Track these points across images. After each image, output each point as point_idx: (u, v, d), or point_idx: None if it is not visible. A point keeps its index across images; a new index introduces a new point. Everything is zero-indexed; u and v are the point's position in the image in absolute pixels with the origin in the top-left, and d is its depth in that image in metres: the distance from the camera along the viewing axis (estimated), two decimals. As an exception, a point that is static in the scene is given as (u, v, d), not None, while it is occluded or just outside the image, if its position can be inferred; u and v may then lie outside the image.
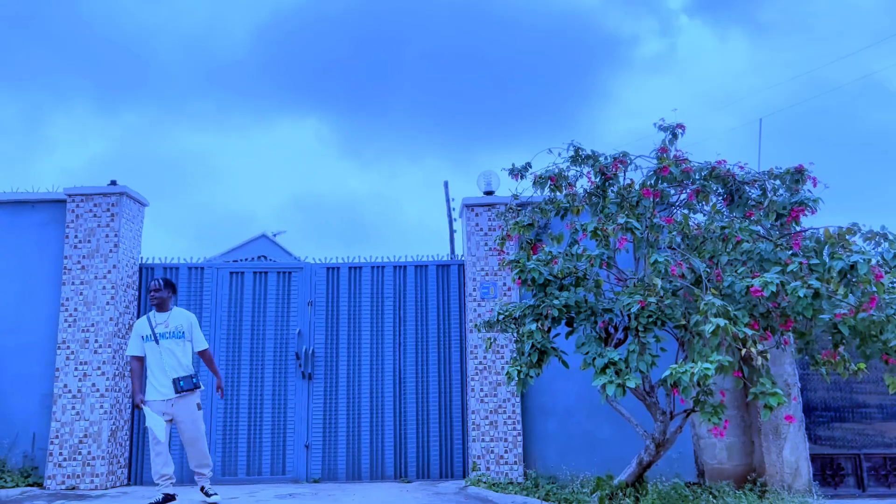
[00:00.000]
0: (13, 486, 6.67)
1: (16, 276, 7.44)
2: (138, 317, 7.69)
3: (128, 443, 7.41)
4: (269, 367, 7.73)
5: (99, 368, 7.11)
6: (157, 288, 5.97)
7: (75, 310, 7.24)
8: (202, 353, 6.06)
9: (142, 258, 7.89)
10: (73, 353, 7.15)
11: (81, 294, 7.27)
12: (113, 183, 7.55)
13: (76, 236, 7.41)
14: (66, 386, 7.08)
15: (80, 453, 6.95)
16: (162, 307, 5.99)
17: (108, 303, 7.25)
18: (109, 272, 7.31)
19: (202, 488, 6.03)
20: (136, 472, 7.42)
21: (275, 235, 20.76)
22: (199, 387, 5.95)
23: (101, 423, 7.01)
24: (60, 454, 6.96)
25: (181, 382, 5.82)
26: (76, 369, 7.12)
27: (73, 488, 6.87)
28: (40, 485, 6.93)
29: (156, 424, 5.70)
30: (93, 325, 7.21)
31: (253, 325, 7.83)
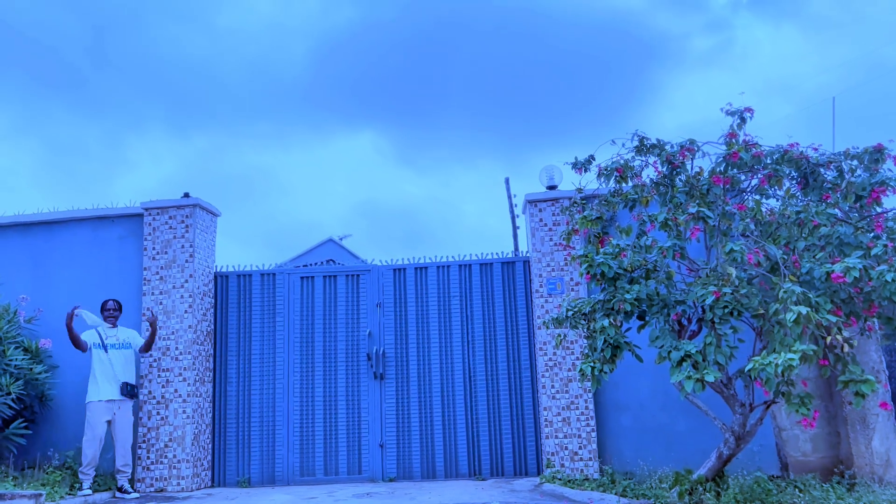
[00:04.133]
0: (106, 490, 6.97)
1: (99, 288, 7.77)
2: (216, 324, 7.95)
3: (210, 446, 7.66)
4: (342, 369, 7.88)
5: (180, 374, 7.37)
6: (115, 308, 7.24)
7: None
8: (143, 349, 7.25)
9: (216, 267, 8.14)
10: (155, 360, 7.44)
11: (161, 304, 7.56)
12: (186, 195, 7.82)
13: (154, 248, 7.70)
14: (150, 392, 7.37)
15: (165, 457, 7.23)
16: (114, 324, 7.19)
17: (186, 311, 7.51)
18: (186, 281, 7.57)
19: (121, 487, 6.90)
20: (219, 474, 7.66)
21: (341, 239, 21.08)
22: (138, 396, 7.19)
23: (185, 428, 7.26)
24: (148, 458, 7.25)
25: (128, 387, 6.97)
26: (159, 376, 7.40)
27: (161, 490, 7.14)
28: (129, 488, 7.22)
29: (97, 424, 6.82)
30: (173, 332, 7.48)
31: (325, 327, 7.99)
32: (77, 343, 6.97)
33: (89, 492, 6.71)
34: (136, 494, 6.96)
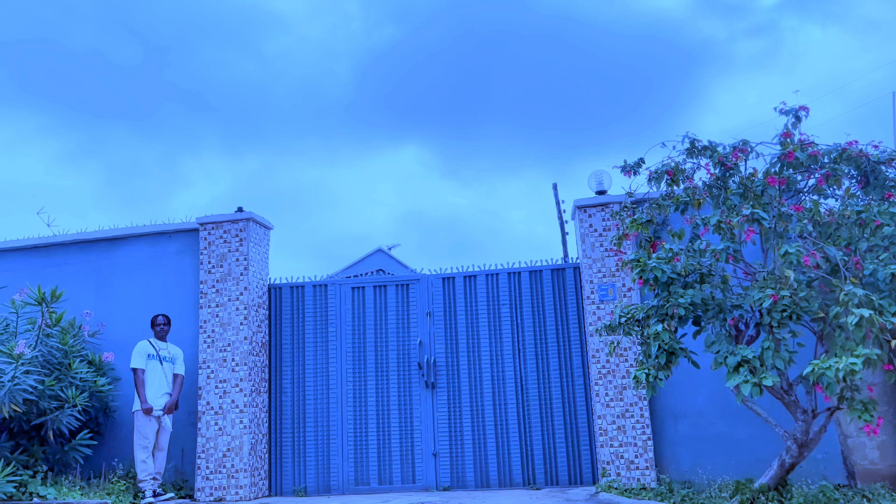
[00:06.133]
0: (168, 499, 7.14)
1: (158, 301, 8.00)
2: (270, 335, 8.10)
3: (266, 456, 7.79)
4: (394, 378, 7.92)
5: (237, 385, 7.52)
6: (165, 323, 7.50)
7: (213, 331, 7.70)
8: (178, 377, 7.43)
9: (270, 279, 8.30)
10: (212, 371, 7.61)
11: (217, 316, 7.73)
12: (240, 210, 7.99)
13: (209, 261, 7.89)
14: (208, 403, 7.54)
15: (224, 466, 7.37)
16: (164, 338, 7.47)
17: (241, 323, 7.66)
18: (241, 294, 7.73)
19: (154, 492, 7.04)
20: (276, 484, 7.78)
21: (390, 249, 21.26)
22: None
23: (242, 438, 7.40)
24: (207, 467, 7.40)
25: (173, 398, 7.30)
26: (216, 387, 7.56)
27: (221, 499, 7.29)
28: (191, 497, 7.41)
29: (148, 431, 7.05)
30: (229, 344, 7.64)
31: (376, 337, 8.06)
32: (143, 383, 7.18)
33: (152, 499, 6.89)
34: (171, 495, 7.20)
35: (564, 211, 14.15)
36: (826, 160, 5.60)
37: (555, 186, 14.53)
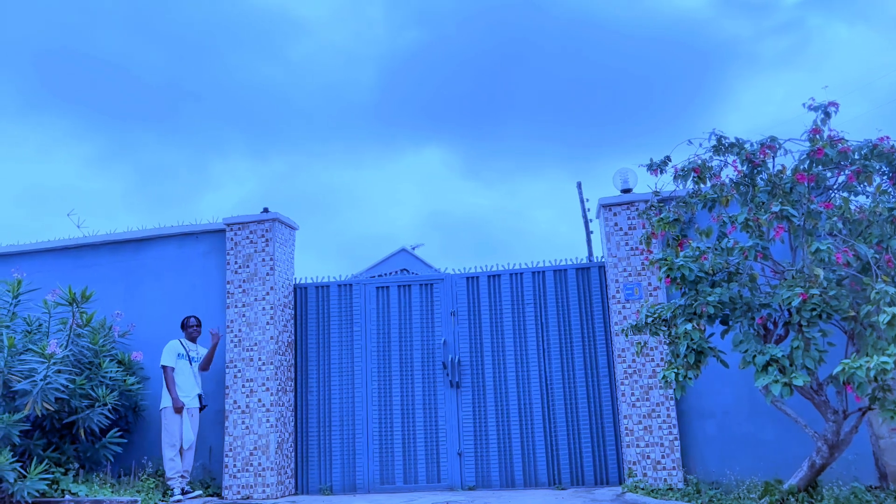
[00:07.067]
0: (196, 497, 7.23)
1: (185, 301, 8.10)
2: (296, 334, 8.15)
3: (293, 454, 7.84)
4: (419, 377, 7.94)
5: (263, 385, 7.59)
6: (196, 325, 7.67)
7: (239, 331, 7.77)
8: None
9: (295, 279, 8.36)
10: (239, 371, 7.68)
11: (244, 316, 7.80)
12: (265, 210, 8.06)
13: (236, 262, 7.97)
14: (235, 402, 7.61)
15: (251, 465, 7.44)
16: (195, 340, 7.64)
17: (268, 322, 7.73)
18: (268, 294, 7.80)
19: (182, 489, 7.11)
20: (302, 482, 7.83)
21: (413, 248, 21.33)
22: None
23: (269, 436, 7.46)
24: (234, 466, 7.48)
25: (201, 398, 7.47)
26: (243, 386, 7.63)
27: (248, 497, 7.35)
28: (219, 495, 7.48)
29: (177, 429, 7.18)
30: (255, 344, 7.71)
31: (400, 336, 8.08)
32: (174, 382, 7.34)
33: (181, 497, 6.97)
34: (199, 492, 7.26)
35: (588, 209, 14.07)
36: (856, 156, 5.52)
37: (579, 185, 14.51)
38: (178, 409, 7.18)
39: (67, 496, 6.50)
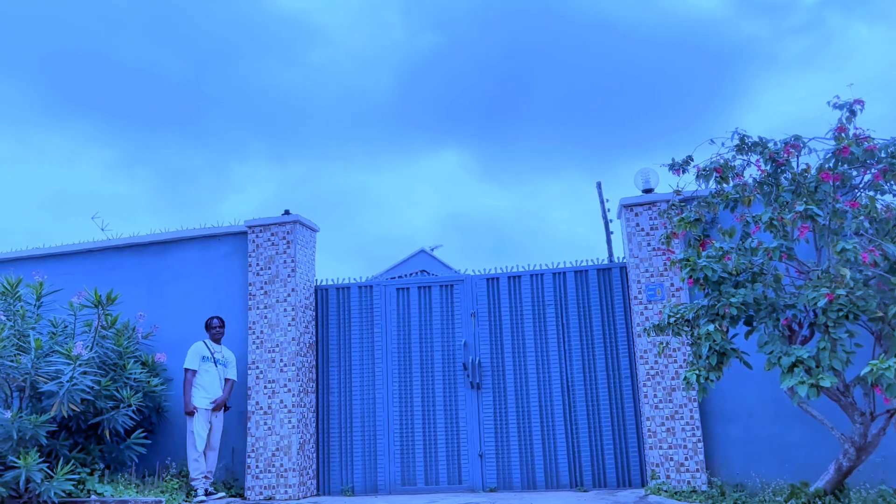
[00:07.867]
0: (220, 498, 7.28)
1: (208, 303, 8.16)
2: (317, 336, 8.19)
3: (314, 455, 7.88)
4: (439, 379, 7.94)
5: (285, 386, 7.63)
6: (220, 326, 7.69)
7: (261, 332, 7.82)
8: (230, 381, 7.59)
9: (316, 280, 8.40)
10: (261, 372, 7.73)
11: (266, 317, 7.85)
12: (286, 212, 8.10)
13: (257, 264, 8.02)
14: (257, 403, 7.66)
15: (273, 466, 7.48)
16: (218, 341, 7.67)
17: (289, 324, 7.77)
18: (289, 295, 7.84)
19: (206, 490, 7.16)
20: (324, 483, 7.86)
21: (432, 249, 21.33)
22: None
23: (291, 437, 7.50)
24: (257, 466, 7.52)
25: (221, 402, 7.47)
26: (265, 387, 7.68)
27: (270, 498, 7.39)
28: (242, 495, 7.53)
29: (202, 430, 7.24)
30: (277, 345, 7.75)
31: (421, 338, 8.09)
32: (192, 384, 7.40)
33: (204, 497, 7.03)
34: (223, 493, 7.35)
35: (609, 210, 13.99)
36: (883, 155, 5.44)
37: (599, 185, 14.35)
38: (190, 412, 7.26)
39: (93, 496, 6.57)
